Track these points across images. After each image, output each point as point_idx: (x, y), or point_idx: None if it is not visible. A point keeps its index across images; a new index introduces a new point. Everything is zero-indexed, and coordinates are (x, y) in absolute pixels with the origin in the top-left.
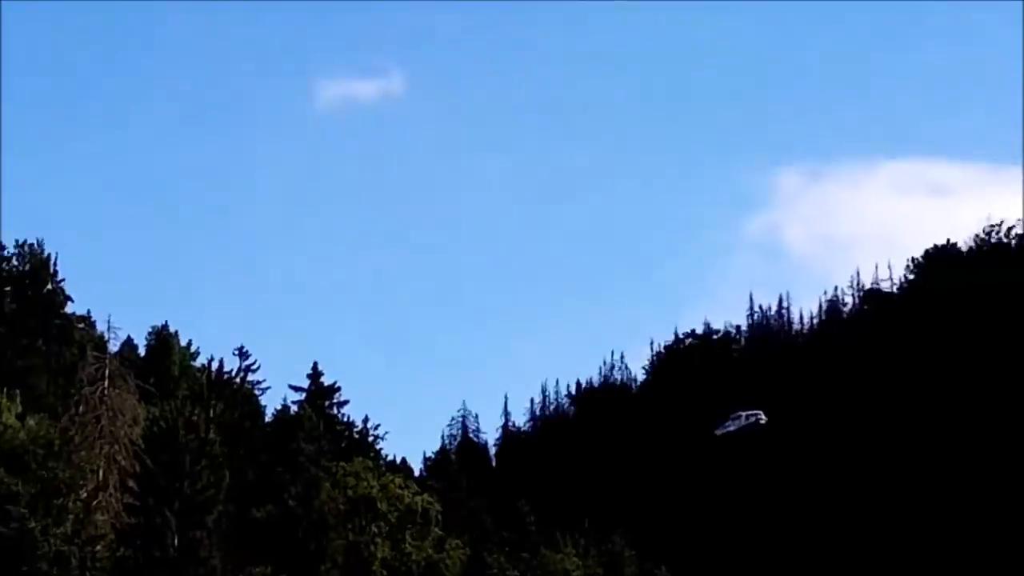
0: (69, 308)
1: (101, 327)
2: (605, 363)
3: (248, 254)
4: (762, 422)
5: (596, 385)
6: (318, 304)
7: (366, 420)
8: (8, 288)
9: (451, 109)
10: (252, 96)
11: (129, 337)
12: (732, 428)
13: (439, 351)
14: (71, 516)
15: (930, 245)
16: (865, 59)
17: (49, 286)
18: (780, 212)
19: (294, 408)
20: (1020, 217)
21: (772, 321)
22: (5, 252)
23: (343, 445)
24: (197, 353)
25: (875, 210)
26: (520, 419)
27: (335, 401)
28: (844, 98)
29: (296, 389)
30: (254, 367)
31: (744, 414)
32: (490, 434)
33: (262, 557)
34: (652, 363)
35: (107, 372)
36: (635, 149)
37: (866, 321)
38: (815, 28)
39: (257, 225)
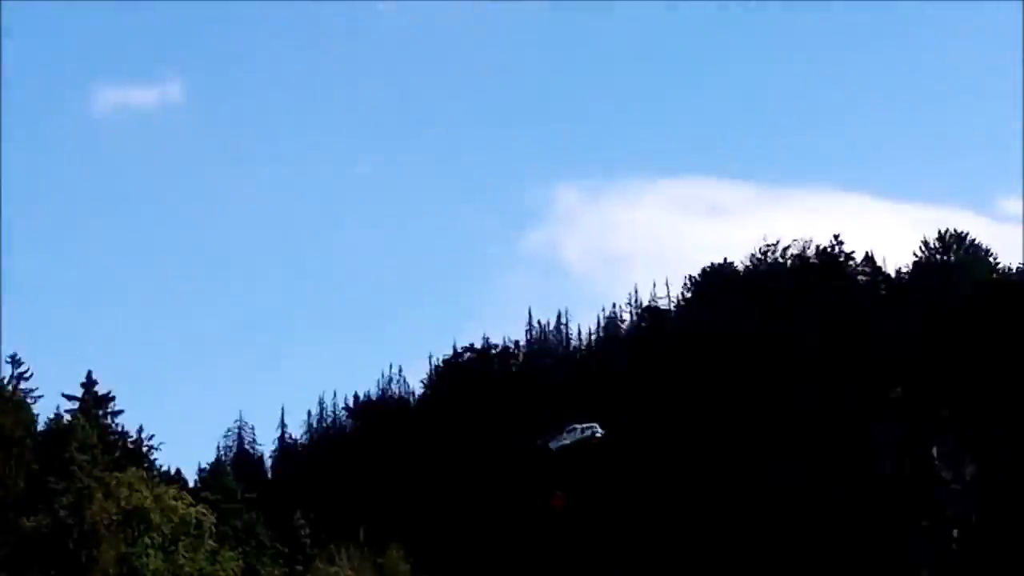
0: None
1: None
2: (383, 376)
3: (22, 260)
4: (598, 435)
5: (374, 398)
6: (94, 312)
7: (140, 430)
8: None
9: (229, 117)
10: (27, 100)
11: None
12: (567, 441)
13: (215, 361)
14: None
15: (707, 263)
16: (643, 77)
17: None
18: (559, 228)
19: (67, 417)
20: (796, 237)
21: (551, 336)
22: None
23: (117, 455)
24: None
25: (652, 227)
26: (297, 431)
27: (109, 411)
28: (622, 116)
29: (70, 398)
30: (27, 375)
31: (580, 427)
32: (266, 446)
33: (32, 567)
34: (430, 377)
35: None
36: (416, 160)
37: (642, 337)
38: (592, 43)
39: (31, 230)
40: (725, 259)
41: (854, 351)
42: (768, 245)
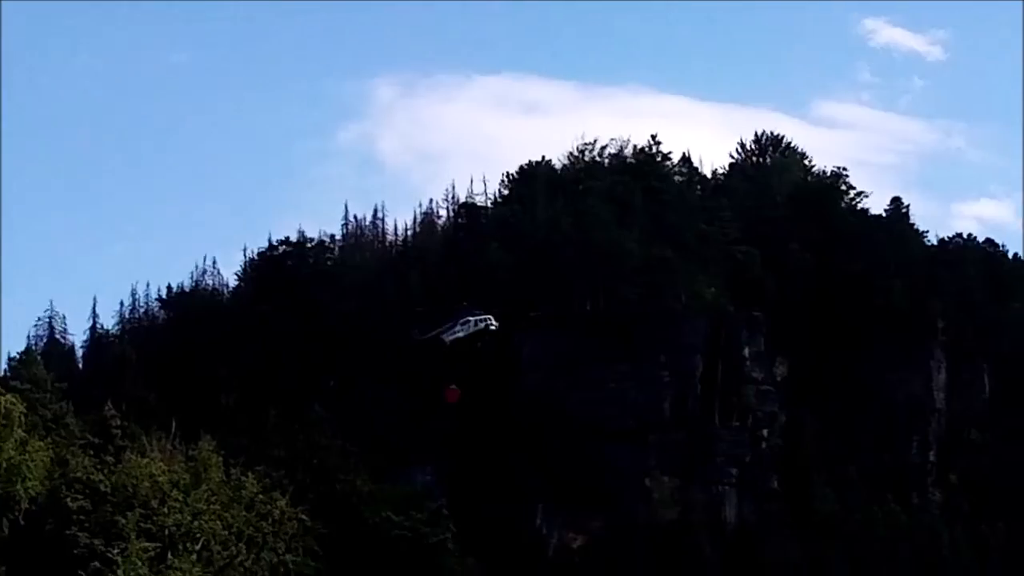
0: None
1: None
2: (197, 268)
3: None
4: (493, 327)
5: (187, 290)
6: None
7: None
8: None
9: (47, 4)
10: None
11: None
12: (462, 334)
13: (24, 250)
14: None
15: (524, 161)
16: None
17: None
18: (375, 122)
19: None
20: (614, 136)
21: (367, 231)
22: None
23: None
24: None
25: (469, 124)
26: (109, 322)
27: None
28: (439, 11)
29: None
30: None
31: (474, 319)
32: (77, 336)
33: None
34: (245, 269)
35: None
36: (234, 51)
37: (459, 233)
38: None
39: None
40: (543, 157)
41: (676, 250)
42: (585, 144)
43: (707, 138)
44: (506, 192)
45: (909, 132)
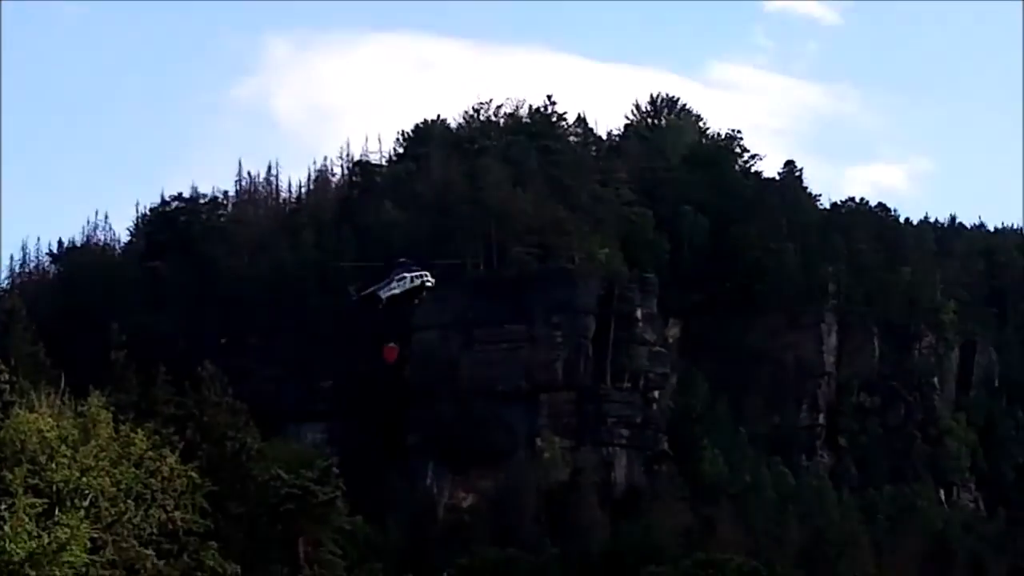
0: None
1: None
2: (88, 223)
3: None
4: (429, 284)
5: (78, 245)
6: None
7: None
8: None
9: None
10: None
11: None
12: (398, 290)
13: None
14: None
15: (419, 119)
16: None
17: None
18: (269, 79)
19: None
20: (510, 96)
21: (261, 188)
22: None
23: None
24: None
25: (364, 81)
26: None
27: None
28: None
29: None
30: None
31: (410, 275)
32: None
33: None
34: (137, 225)
35: None
36: (127, 5)
37: (353, 191)
38: None
39: None
40: (438, 116)
41: (570, 211)
42: (481, 103)
43: (603, 99)
44: (401, 151)
45: (803, 96)
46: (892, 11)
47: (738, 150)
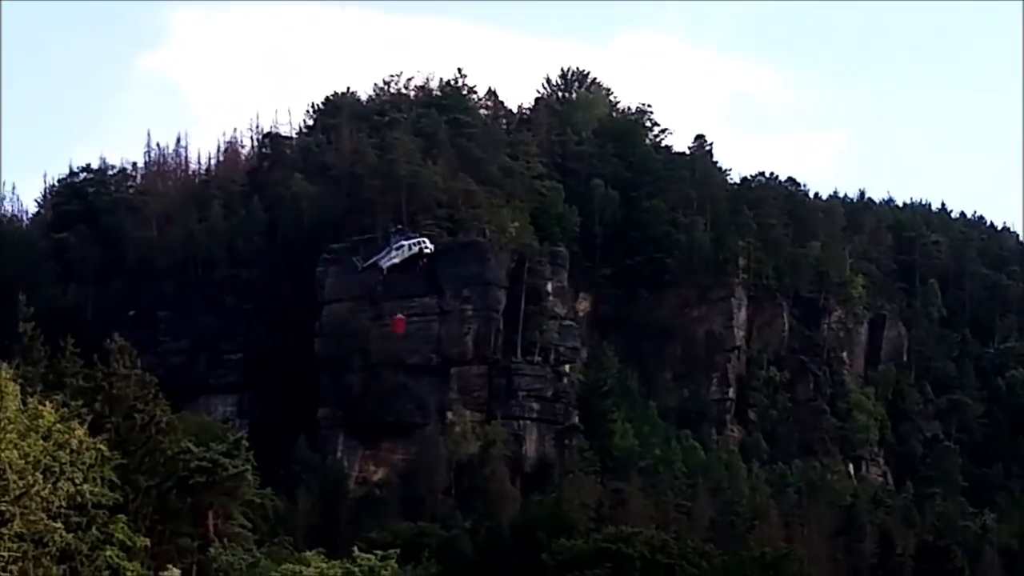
0: None
1: None
2: None
3: None
4: (427, 250)
5: None
6: None
7: None
8: None
9: None
10: None
11: None
12: (397, 259)
13: None
14: None
15: (330, 92)
16: None
17: None
18: (175, 50)
19: None
20: (420, 69)
21: (170, 160)
22: None
23: None
24: None
25: (273, 53)
26: None
27: None
28: None
29: None
30: None
31: (408, 243)
32: None
33: None
34: (44, 196)
35: None
36: None
37: (263, 163)
38: None
39: None
40: (348, 88)
41: (480, 184)
42: (392, 76)
43: (513, 72)
44: (311, 123)
45: (715, 69)
46: None
47: (649, 124)
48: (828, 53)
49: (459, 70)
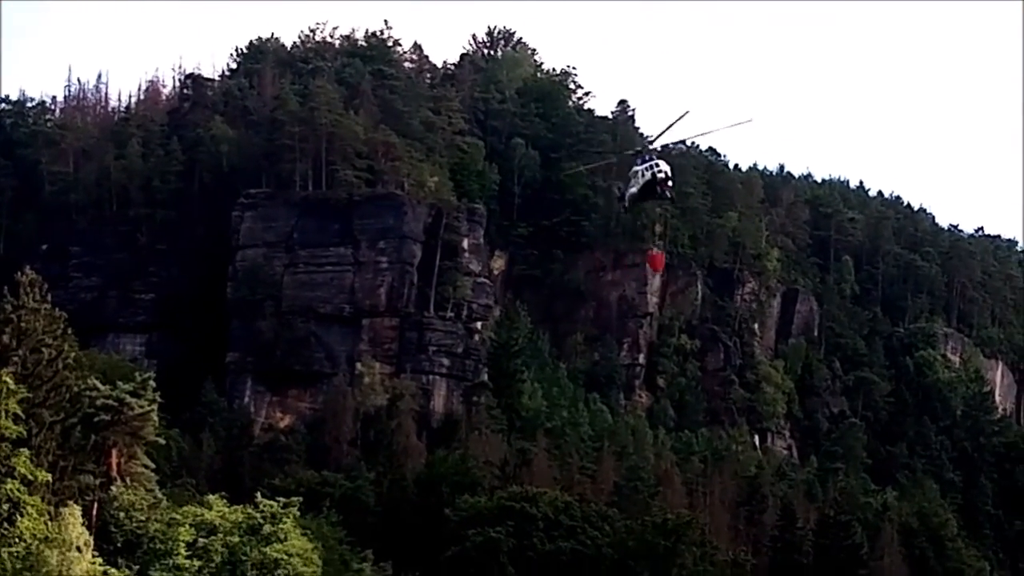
0: None
1: None
2: None
3: None
4: (661, 175)
5: None
6: None
7: None
8: None
9: None
10: None
11: None
12: (634, 189)
13: None
14: None
15: (254, 37)
16: None
17: None
18: None
19: None
20: (346, 19)
21: (90, 96)
22: None
23: None
24: None
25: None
26: None
27: None
28: None
29: None
30: None
31: (641, 168)
32: None
33: None
34: None
35: None
36: None
37: (183, 104)
38: None
39: None
40: (272, 34)
41: (401, 137)
42: (317, 24)
43: (440, 28)
44: (234, 67)
45: (640, 30)
46: None
47: (572, 86)
48: (755, 25)
49: (385, 22)
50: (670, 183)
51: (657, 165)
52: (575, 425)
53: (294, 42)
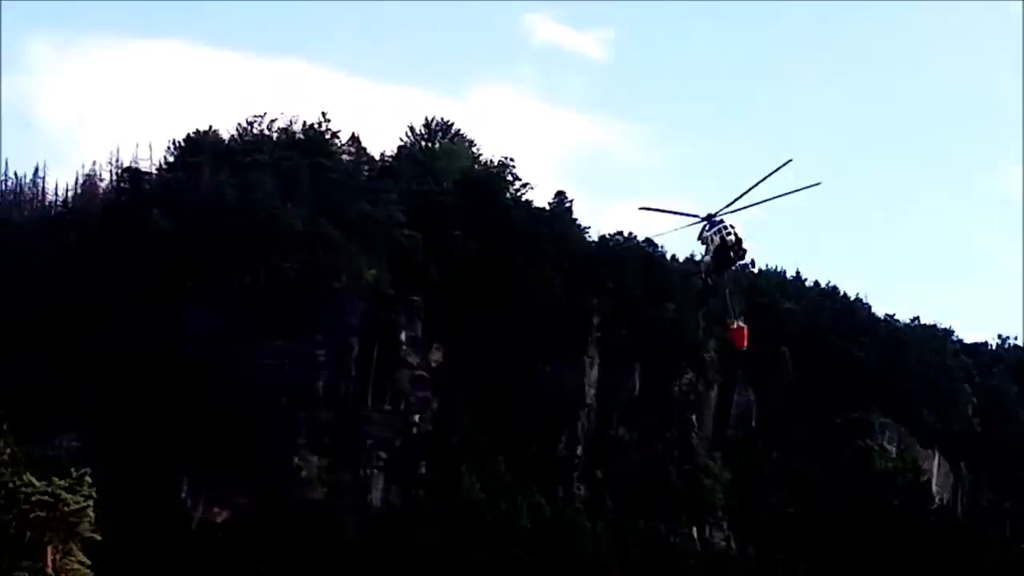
0: None
1: None
2: None
3: None
4: (732, 239)
5: None
6: None
7: None
8: None
9: None
10: None
11: None
12: (708, 257)
13: None
14: None
15: (191, 129)
16: None
17: None
18: (32, 80)
19: None
20: (284, 111)
21: (27, 190)
22: None
23: None
24: None
25: (131, 88)
26: None
27: None
28: None
29: None
30: None
31: (710, 233)
32: None
33: None
34: None
35: None
36: None
37: (121, 198)
38: None
39: None
40: (210, 127)
41: (339, 229)
42: (255, 116)
43: (376, 119)
44: (171, 160)
45: (571, 128)
46: (658, 47)
47: (510, 178)
48: (681, 113)
49: (323, 114)
50: (743, 245)
51: (726, 228)
52: (514, 518)
53: (232, 135)
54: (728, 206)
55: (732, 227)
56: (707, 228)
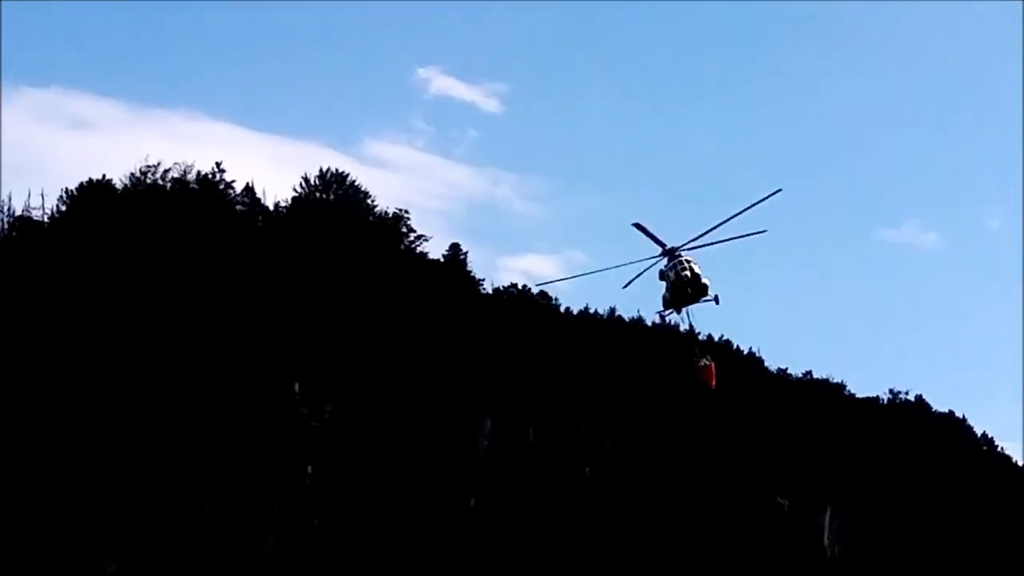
0: None
1: None
2: None
3: None
4: (686, 274)
5: None
6: None
7: None
8: None
9: None
10: None
11: None
12: (668, 296)
13: None
14: None
15: (84, 178)
16: None
17: None
18: None
19: None
20: (178, 161)
21: None
22: None
23: None
24: None
25: (18, 136)
26: None
27: None
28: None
29: None
30: None
31: (665, 271)
32: None
33: None
34: None
35: None
36: None
37: (15, 248)
38: None
39: None
40: (103, 176)
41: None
42: (148, 166)
43: (265, 170)
44: (64, 209)
45: (462, 181)
46: (550, 100)
47: (405, 230)
48: (573, 168)
49: (218, 164)
50: (702, 280)
51: (681, 263)
52: None
53: (125, 184)
54: (693, 240)
55: (688, 262)
56: (666, 264)
